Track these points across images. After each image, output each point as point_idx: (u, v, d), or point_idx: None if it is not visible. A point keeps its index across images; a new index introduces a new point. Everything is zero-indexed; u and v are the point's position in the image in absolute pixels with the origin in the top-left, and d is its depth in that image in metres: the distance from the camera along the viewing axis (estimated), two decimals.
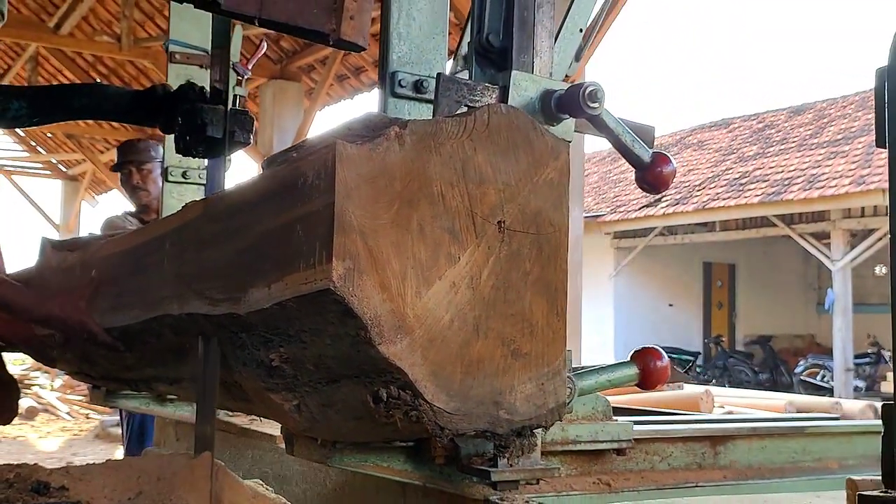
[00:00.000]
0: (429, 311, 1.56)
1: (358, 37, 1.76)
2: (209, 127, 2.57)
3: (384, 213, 1.52)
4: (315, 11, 1.67)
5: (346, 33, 1.72)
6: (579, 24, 2.24)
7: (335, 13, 1.69)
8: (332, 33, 1.71)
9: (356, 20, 1.74)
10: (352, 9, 1.71)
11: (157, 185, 5.31)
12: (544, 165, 1.71)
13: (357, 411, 1.67)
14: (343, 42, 1.73)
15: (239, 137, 2.65)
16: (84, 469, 1.96)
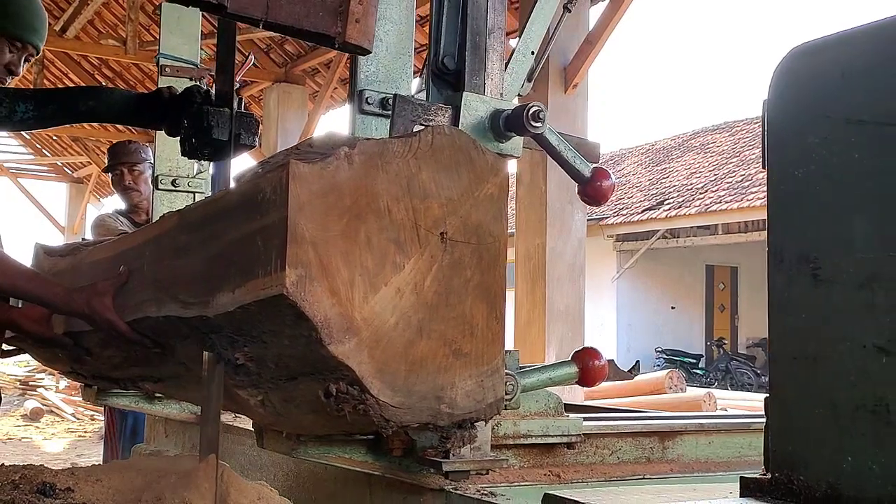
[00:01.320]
0: (375, 314, 1.72)
1: (363, 40, 1.78)
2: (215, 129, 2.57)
3: (334, 226, 1.68)
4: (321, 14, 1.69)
5: (352, 36, 1.75)
6: (531, 47, 2.40)
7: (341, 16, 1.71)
8: (337, 36, 1.73)
9: (361, 23, 1.76)
10: (357, 12, 1.74)
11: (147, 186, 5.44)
12: (485, 181, 1.87)
13: (313, 406, 1.82)
14: (348, 45, 1.76)
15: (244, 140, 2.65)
16: (89, 470, 2.02)
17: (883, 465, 1.31)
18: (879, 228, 1.34)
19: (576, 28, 9.38)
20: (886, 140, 1.33)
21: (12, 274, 2.37)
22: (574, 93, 9.27)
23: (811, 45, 1.50)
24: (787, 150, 1.47)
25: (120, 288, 2.27)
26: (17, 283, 2.38)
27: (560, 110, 9.16)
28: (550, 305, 9.06)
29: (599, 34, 9.27)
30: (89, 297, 2.28)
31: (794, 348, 1.43)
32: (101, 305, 2.25)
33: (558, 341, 8.97)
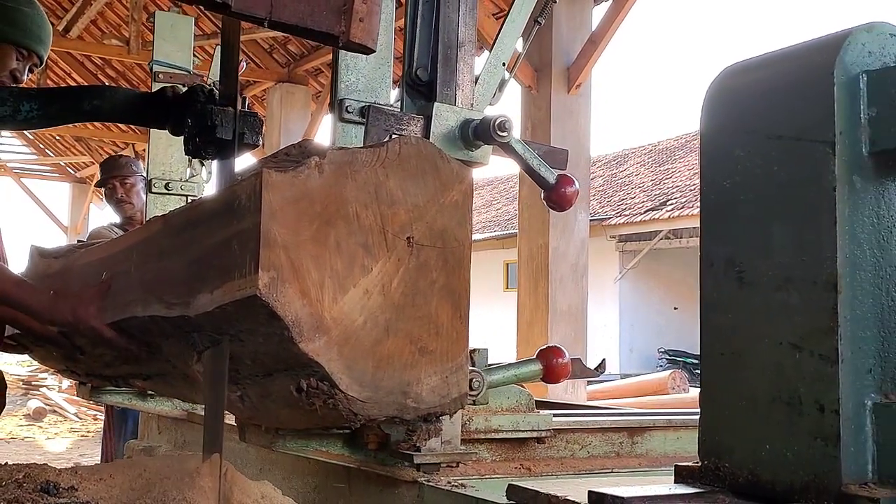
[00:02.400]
0: (344, 314, 1.83)
1: (367, 39, 1.77)
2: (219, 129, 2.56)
3: (305, 231, 1.79)
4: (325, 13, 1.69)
5: (356, 35, 1.74)
6: (502, 59, 2.51)
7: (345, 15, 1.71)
8: (341, 35, 1.73)
9: (366, 22, 1.75)
10: (361, 11, 1.73)
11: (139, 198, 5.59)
12: (450, 189, 1.98)
13: (287, 400, 1.94)
14: (353, 44, 1.76)
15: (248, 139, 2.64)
16: (93, 469, 2.04)
17: (795, 453, 1.43)
18: (794, 235, 1.45)
19: (579, 28, 9.46)
20: (799, 154, 1.45)
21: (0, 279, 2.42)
22: (577, 93, 9.34)
23: (739, 66, 1.61)
24: (716, 163, 1.59)
25: (104, 294, 2.33)
26: (5, 287, 2.42)
27: (563, 110, 9.25)
28: (553, 306, 9.14)
29: (602, 34, 9.33)
30: (74, 305, 2.34)
31: (721, 346, 1.55)
32: (85, 314, 2.31)
33: (561, 342, 8.88)
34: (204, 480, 1.91)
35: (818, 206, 1.41)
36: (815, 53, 1.47)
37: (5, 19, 2.90)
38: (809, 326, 1.39)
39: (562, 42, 9.34)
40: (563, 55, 9.34)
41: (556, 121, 9.26)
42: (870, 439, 1.40)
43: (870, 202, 1.44)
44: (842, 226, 1.40)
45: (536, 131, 9.29)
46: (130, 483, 1.98)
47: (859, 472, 1.39)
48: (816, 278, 1.41)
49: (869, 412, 1.40)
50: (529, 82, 9.33)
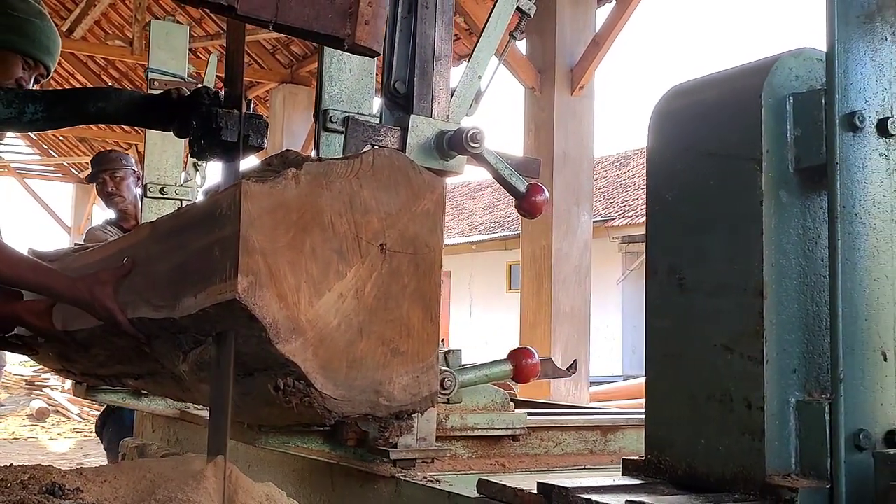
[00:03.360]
0: (319, 316, 1.93)
1: (373, 42, 1.78)
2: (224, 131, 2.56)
3: (282, 238, 1.89)
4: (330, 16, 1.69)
5: (361, 38, 1.75)
6: (478, 72, 2.62)
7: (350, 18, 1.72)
8: (347, 38, 1.73)
9: (371, 25, 1.76)
10: (366, 14, 1.74)
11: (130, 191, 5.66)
12: (422, 198, 2.09)
13: (266, 398, 2.04)
14: (358, 47, 1.77)
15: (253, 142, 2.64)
16: (98, 471, 2.06)
17: (726, 447, 1.54)
18: (726, 245, 1.57)
19: (582, 30, 9.37)
20: (731, 170, 1.56)
21: (16, 264, 2.44)
22: (580, 94, 9.25)
23: (681, 88, 1.73)
24: (660, 177, 1.70)
25: (122, 277, 2.33)
26: (21, 273, 2.45)
27: (566, 112, 9.19)
28: (556, 307, 9.08)
29: (606, 36, 9.24)
30: (91, 284, 2.34)
31: (663, 348, 1.66)
32: (102, 293, 2.31)
33: (564, 343, 9.00)
34: (208, 482, 1.94)
35: (747, 218, 1.53)
36: (746, 77, 1.58)
37: (14, 29, 2.97)
38: (739, 330, 1.51)
39: (565, 43, 9.30)
40: (567, 57, 9.27)
41: (560, 122, 9.19)
42: (793, 434, 1.52)
43: (795, 215, 1.55)
44: (768, 237, 1.51)
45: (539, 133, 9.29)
46: (135, 485, 2.02)
47: (783, 464, 1.50)
48: (746, 285, 1.52)
49: (792, 409, 1.52)
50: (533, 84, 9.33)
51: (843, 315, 1.48)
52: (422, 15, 2.48)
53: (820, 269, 1.56)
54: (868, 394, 1.51)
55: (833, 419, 1.47)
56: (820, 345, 1.55)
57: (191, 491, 1.89)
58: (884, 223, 1.54)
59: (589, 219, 9.38)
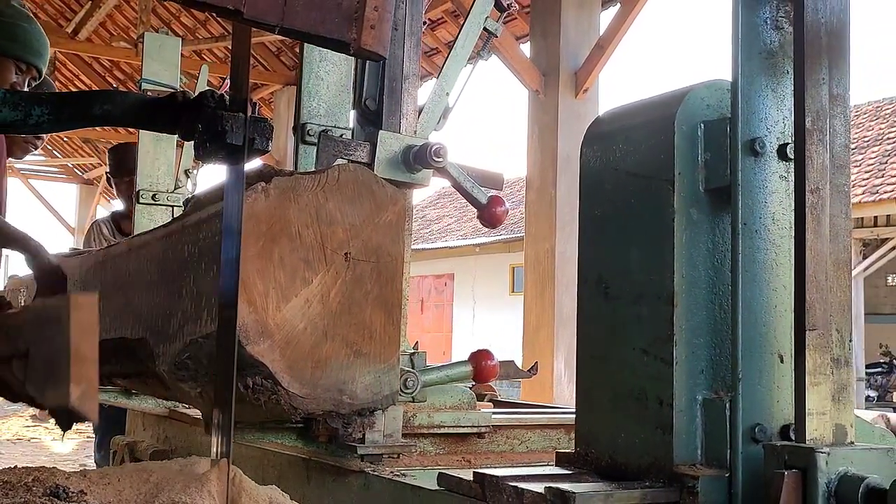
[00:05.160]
0: (286, 320, 2.08)
1: (378, 46, 1.76)
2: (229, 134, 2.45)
3: (251, 247, 2.04)
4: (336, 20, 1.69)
5: (367, 42, 1.73)
6: (446, 89, 2.77)
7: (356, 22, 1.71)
8: (352, 43, 1.72)
9: (377, 29, 1.75)
10: (372, 18, 1.73)
11: None
12: (384, 210, 2.23)
13: (238, 396, 2.19)
14: (364, 51, 1.75)
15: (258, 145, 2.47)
16: (101, 473, 2.07)
17: (643, 440, 1.70)
18: (645, 257, 1.72)
19: (586, 33, 9.49)
20: (649, 189, 1.72)
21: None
22: (584, 97, 9.39)
23: (611, 112, 1.89)
24: (591, 194, 1.86)
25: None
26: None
27: (570, 115, 9.22)
28: (559, 310, 9.18)
29: (610, 39, 9.39)
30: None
31: (591, 350, 1.82)
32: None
33: (567, 345, 9.10)
34: (212, 485, 1.96)
35: (662, 233, 1.68)
36: (663, 105, 1.74)
37: (5, 34, 3.09)
38: (654, 334, 1.66)
39: (569, 47, 9.33)
40: (571, 60, 9.39)
41: (563, 125, 9.33)
42: (699, 429, 1.68)
43: (705, 231, 1.71)
44: (679, 250, 1.67)
45: (543, 135, 9.34)
46: (138, 487, 2.03)
47: (689, 455, 1.66)
48: (660, 294, 1.68)
49: (699, 406, 1.68)
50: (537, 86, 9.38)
51: (742, 321, 1.64)
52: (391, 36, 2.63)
53: (727, 279, 1.71)
54: (765, 392, 1.67)
55: (732, 415, 1.63)
56: (726, 348, 1.70)
57: (194, 493, 1.92)
58: (782, 238, 1.70)
59: None
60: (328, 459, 2.63)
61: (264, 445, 2.62)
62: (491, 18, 2.88)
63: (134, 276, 2.59)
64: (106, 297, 2.72)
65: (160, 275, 2.35)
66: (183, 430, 3.75)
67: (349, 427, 2.33)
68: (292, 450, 2.72)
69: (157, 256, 2.43)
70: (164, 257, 2.34)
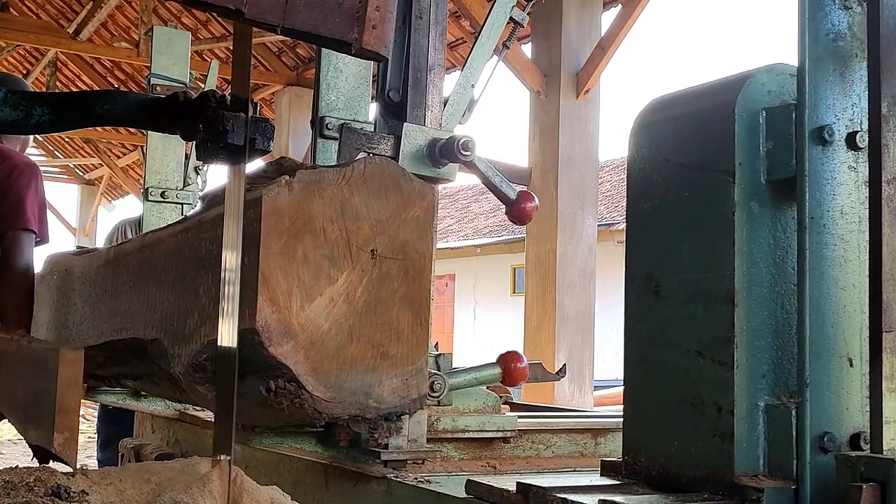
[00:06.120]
0: (311, 320, 1.98)
1: (380, 46, 1.75)
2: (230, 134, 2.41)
3: (274, 244, 1.95)
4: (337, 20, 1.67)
5: (369, 43, 1.72)
6: (471, 81, 2.67)
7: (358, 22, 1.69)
8: (354, 43, 1.71)
9: (378, 29, 1.74)
10: (374, 18, 1.72)
11: None
12: (412, 205, 2.14)
13: (258, 399, 2.09)
14: (366, 52, 1.74)
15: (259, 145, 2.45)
16: (103, 473, 2.05)
17: (699, 448, 1.59)
18: (700, 254, 1.62)
19: (588, 34, 9.47)
20: (705, 181, 1.62)
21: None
22: (586, 98, 9.38)
23: (660, 101, 1.78)
24: (638, 188, 1.75)
25: None
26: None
27: (572, 116, 9.23)
28: (561, 311, 9.17)
29: (612, 40, 9.37)
30: None
31: (639, 352, 1.72)
32: None
33: (568, 347, 9.10)
34: (213, 485, 1.94)
35: (720, 228, 1.58)
36: (720, 92, 1.63)
37: None
38: (710, 336, 1.56)
39: (571, 48, 9.35)
40: (573, 61, 9.37)
41: (565, 126, 9.29)
42: (762, 437, 1.57)
43: (767, 225, 1.60)
44: (740, 246, 1.56)
45: (545, 136, 9.33)
46: (140, 487, 2.02)
47: (751, 465, 1.56)
48: (717, 293, 1.57)
49: (761, 412, 1.57)
50: (538, 87, 9.37)
51: (810, 322, 1.54)
52: (415, 25, 2.53)
53: (790, 277, 1.61)
54: (833, 398, 1.56)
55: (799, 422, 1.53)
56: (789, 351, 1.60)
57: (196, 494, 1.90)
58: (851, 234, 1.59)
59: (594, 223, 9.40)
60: (349, 465, 2.53)
61: (281, 450, 2.52)
62: (517, 8, 2.78)
63: (147, 274, 2.50)
64: (116, 295, 2.63)
65: (175, 273, 2.25)
66: (194, 433, 3.66)
67: (375, 432, 2.24)
68: (311, 455, 2.63)
69: (173, 253, 2.33)
70: (180, 254, 2.24)
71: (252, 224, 1.95)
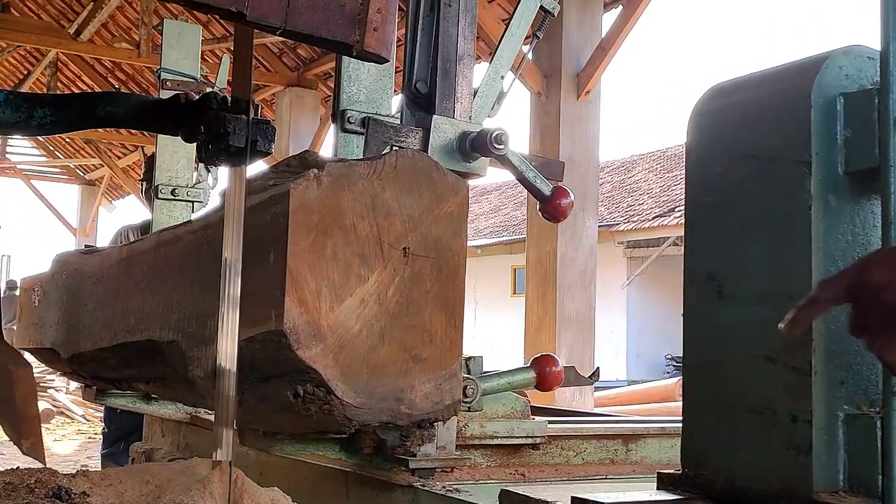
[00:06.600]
0: (340, 322, 1.87)
1: (381, 49, 1.74)
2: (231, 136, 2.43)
3: (302, 241, 1.84)
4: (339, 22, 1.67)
5: (370, 45, 1.71)
6: (501, 72, 2.56)
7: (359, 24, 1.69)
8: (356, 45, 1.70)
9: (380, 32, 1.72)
10: (376, 20, 1.71)
11: None
12: (445, 200, 2.03)
13: (284, 405, 1.99)
14: (367, 54, 1.73)
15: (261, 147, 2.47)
16: (103, 474, 2.04)
17: (769, 461, 1.48)
18: (769, 251, 1.50)
19: (589, 35, 9.49)
20: (776, 173, 1.50)
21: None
22: (586, 99, 9.39)
23: (721, 87, 1.67)
24: (698, 180, 1.64)
25: None
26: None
27: (572, 116, 9.27)
28: (561, 312, 9.16)
29: (612, 41, 9.39)
30: None
31: (701, 356, 1.60)
32: None
33: (568, 348, 9.06)
34: (214, 487, 1.91)
35: (793, 223, 1.46)
36: (793, 76, 1.52)
37: None
38: (784, 340, 1.44)
39: (571, 48, 9.37)
40: (573, 61, 9.39)
41: (565, 127, 9.30)
42: (841, 449, 1.45)
43: (845, 220, 1.49)
44: (816, 243, 1.45)
45: (545, 137, 9.32)
46: (141, 489, 2.00)
47: (830, 481, 1.44)
48: (790, 293, 1.45)
49: (841, 423, 1.46)
50: (539, 88, 9.36)
51: None
52: (444, 13, 2.42)
53: None
54: None
55: (885, 434, 1.41)
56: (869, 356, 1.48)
57: (196, 495, 1.87)
58: None
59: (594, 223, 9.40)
60: (373, 472, 2.43)
61: (302, 457, 2.41)
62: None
63: (163, 274, 2.39)
64: (130, 295, 2.53)
65: (194, 272, 2.14)
66: (206, 438, 3.54)
67: (407, 440, 2.13)
68: (332, 462, 2.52)
69: (192, 252, 2.23)
70: (199, 253, 2.13)
71: (279, 220, 1.85)
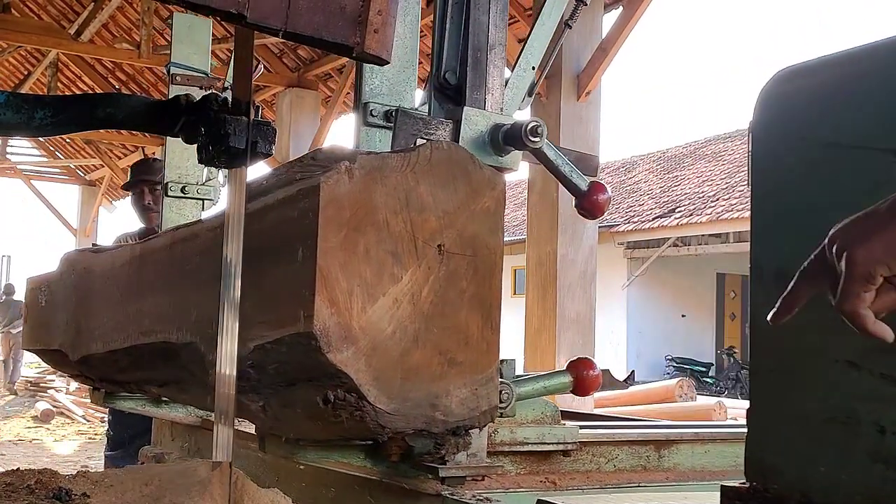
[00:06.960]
0: (373, 323, 1.77)
1: (382, 50, 1.73)
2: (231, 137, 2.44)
3: (333, 238, 1.73)
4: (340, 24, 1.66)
5: (371, 47, 1.70)
6: (532, 63, 2.46)
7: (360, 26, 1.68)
8: (356, 46, 1.69)
9: (380, 33, 1.71)
10: (376, 22, 1.69)
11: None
12: (481, 195, 1.92)
13: (311, 411, 1.88)
14: (367, 55, 1.73)
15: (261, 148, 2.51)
16: (104, 476, 2.04)
17: (851, 475, 1.36)
18: None
19: (589, 35, 9.51)
20: (859, 162, 1.39)
21: None
22: (587, 100, 9.40)
23: (794, 69, 1.55)
24: (768, 171, 1.52)
25: None
26: None
27: (573, 118, 9.29)
28: (561, 313, 9.17)
29: (613, 42, 9.41)
30: None
31: (770, 361, 1.49)
32: None
33: (569, 349, 9.03)
34: (214, 488, 1.90)
35: None
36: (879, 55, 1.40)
37: None
38: (869, 343, 1.32)
39: (572, 49, 9.38)
40: (573, 62, 9.40)
41: (566, 127, 9.31)
42: None
43: None
44: None
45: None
46: (141, 490, 1.96)
47: None
48: None
49: None
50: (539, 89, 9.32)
51: None
52: (475, 1, 2.31)
53: None
54: None
55: None
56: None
57: (197, 497, 1.87)
58: None
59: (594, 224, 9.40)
60: (399, 480, 2.32)
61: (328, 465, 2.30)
62: None
63: (179, 273, 2.29)
64: (143, 294, 2.42)
65: (212, 271, 2.03)
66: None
67: (442, 448, 2.01)
68: (356, 469, 2.41)
69: (210, 250, 2.12)
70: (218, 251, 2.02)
71: (308, 215, 1.74)
